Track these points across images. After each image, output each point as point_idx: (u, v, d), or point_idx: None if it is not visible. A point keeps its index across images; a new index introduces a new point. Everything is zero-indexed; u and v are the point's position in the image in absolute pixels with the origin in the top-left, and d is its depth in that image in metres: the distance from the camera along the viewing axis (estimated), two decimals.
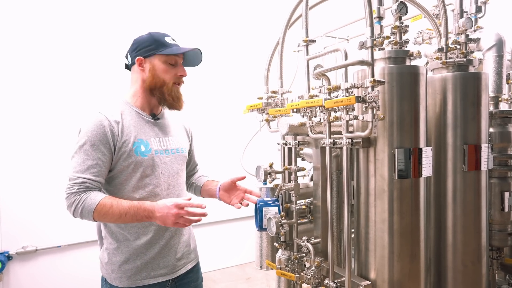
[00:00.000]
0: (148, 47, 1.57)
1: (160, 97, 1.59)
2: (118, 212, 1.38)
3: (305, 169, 1.70)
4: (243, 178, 1.70)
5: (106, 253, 1.57)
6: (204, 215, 1.41)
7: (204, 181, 1.86)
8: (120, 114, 1.51)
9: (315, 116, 1.42)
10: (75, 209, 1.41)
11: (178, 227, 1.46)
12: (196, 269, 1.75)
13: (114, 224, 1.53)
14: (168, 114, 1.73)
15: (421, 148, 1.29)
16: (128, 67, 1.65)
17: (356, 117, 1.25)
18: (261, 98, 1.77)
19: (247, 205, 1.68)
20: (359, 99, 1.17)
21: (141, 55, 1.57)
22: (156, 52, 1.56)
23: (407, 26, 1.34)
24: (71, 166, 1.45)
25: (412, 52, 1.35)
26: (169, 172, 1.59)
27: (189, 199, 1.44)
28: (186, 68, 1.64)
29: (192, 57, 1.65)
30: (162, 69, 1.57)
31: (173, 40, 1.62)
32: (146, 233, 1.53)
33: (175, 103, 1.60)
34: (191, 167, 1.90)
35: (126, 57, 1.63)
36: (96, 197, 1.40)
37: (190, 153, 1.84)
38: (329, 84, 1.38)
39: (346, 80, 1.33)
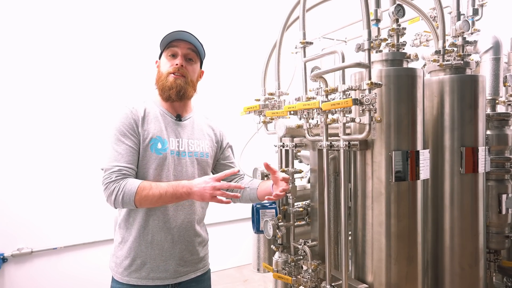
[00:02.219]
0: (161, 47, 1.62)
1: (159, 89, 1.58)
2: (158, 192, 1.40)
3: (303, 171, 1.70)
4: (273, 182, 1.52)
5: (114, 247, 1.61)
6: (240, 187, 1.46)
7: (258, 184, 1.67)
8: (143, 110, 1.55)
9: (312, 118, 1.41)
10: (115, 197, 1.40)
11: (215, 201, 1.41)
12: (202, 278, 1.67)
13: (123, 219, 1.55)
14: (198, 117, 1.69)
15: (418, 151, 1.29)
16: None
17: (353, 120, 1.24)
18: (258, 100, 1.77)
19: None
20: (356, 102, 1.17)
21: (159, 57, 1.65)
22: (162, 50, 1.61)
23: (404, 28, 1.34)
24: (106, 157, 1.47)
25: (410, 55, 1.35)
26: (181, 175, 1.55)
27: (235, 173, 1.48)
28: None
29: (191, 40, 1.57)
30: (163, 63, 1.59)
31: (181, 31, 1.56)
32: (147, 233, 1.52)
33: (166, 92, 1.55)
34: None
35: None
36: (135, 182, 1.42)
37: (218, 159, 1.74)
38: (326, 86, 1.38)
39: (343, 82, 1.33)
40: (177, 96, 1.55)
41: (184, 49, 1.57)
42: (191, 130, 1.63)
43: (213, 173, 1.78)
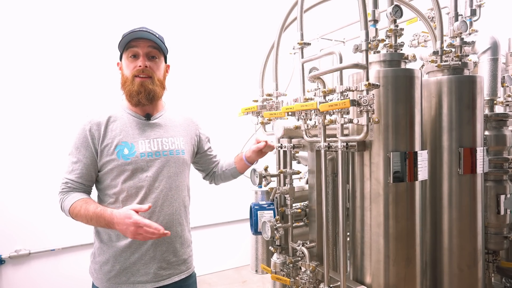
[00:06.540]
0: (120, 48, 1.56)
1: (126, 95, 1.54)
2: (84, 217, 1.44)
3: (301, 172, 1.70)
4: (263, 145, 1.75)
5: (93, 252, 1.60)
6: (164, 235, 1.38)
7: (232, 161, 1.87)
8: (107, 117, 1.51)
9: (310, 119, 1.41)
10: (60, 207, 1.52)
11: (138, 239, 1.41)
12: (187, 283, 1.64)
13: None
14: (170, 114, 1.66)
15: (416, 152, 1.28)
16: None
17: (351, 121, 1.24)
18: (256, 101, 1.77)
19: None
20: (353, 103, 1.16)
21: (119, 59, 1.60)
22: (122, 51, 1.55)
23: (402, 29, 1.34)
24: (64, 168, 1.56)
25: (407, 55, 1.34)
26: (158, 175, 1.52)
27: (148, 208, 1.40)
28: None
29: (150, 38, 1.51)
30: (125, 65, 1.54)
31: (140, 29, 1.52)
32: (126, 237, 1.47)
33: (135, 98, 1.50)
34: (209, 164, 1.87)
35: None
36: (73, 199, 1.47)
37: (200, 151, 1.80)
38: (324, 87, 1.37)
39: (341, 83, 1.33)
40: (147, 100, 1.51)
41: (145, 48, 1.50)
42: (163, 128, 1.59)
43: (197, 167, 1.86)
